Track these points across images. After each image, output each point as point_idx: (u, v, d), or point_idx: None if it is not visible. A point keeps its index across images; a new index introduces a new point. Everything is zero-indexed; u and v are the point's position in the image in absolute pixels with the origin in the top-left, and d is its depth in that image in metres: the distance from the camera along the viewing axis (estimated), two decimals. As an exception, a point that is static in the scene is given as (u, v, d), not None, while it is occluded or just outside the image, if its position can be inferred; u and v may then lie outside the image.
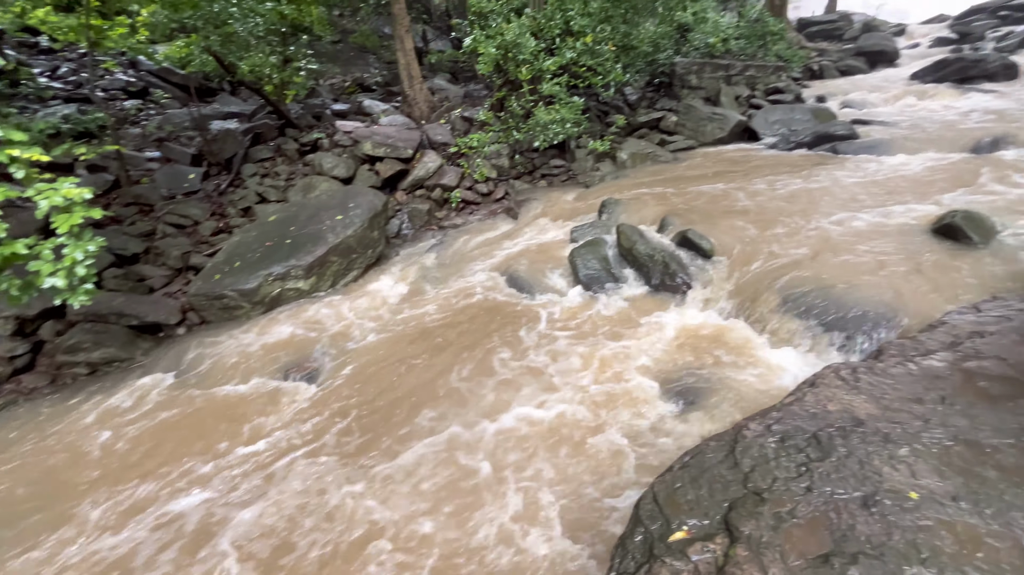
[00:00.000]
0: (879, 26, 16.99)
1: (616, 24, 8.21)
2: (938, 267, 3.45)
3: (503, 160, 7.51)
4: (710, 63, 10.12)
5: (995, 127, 6.40)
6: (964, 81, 9.27)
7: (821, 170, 6.08)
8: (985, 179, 4.91)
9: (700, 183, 6.22)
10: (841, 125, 7.11)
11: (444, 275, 5.26)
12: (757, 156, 7.31)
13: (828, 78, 12.09)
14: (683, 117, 8.77)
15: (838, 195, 5.12)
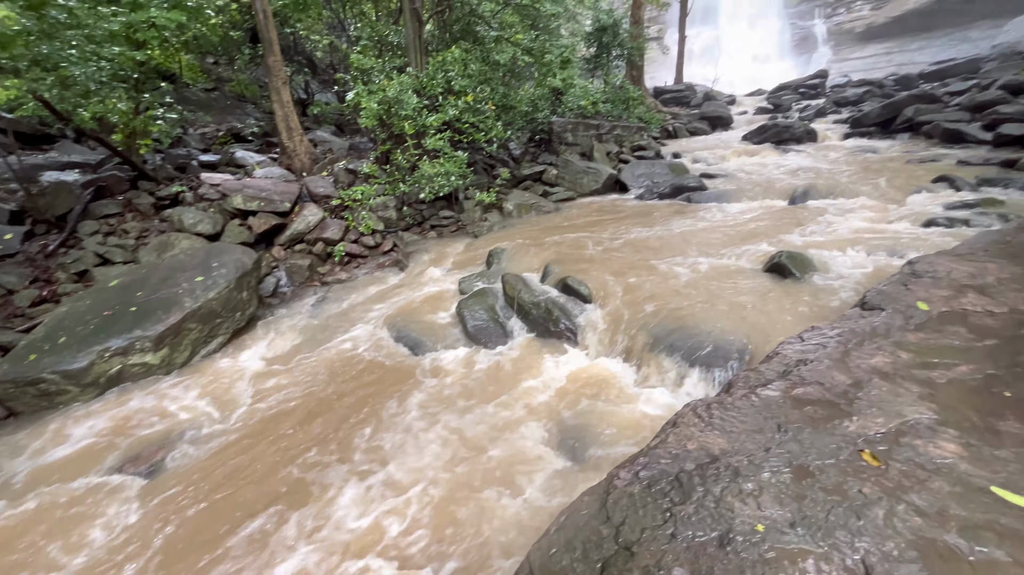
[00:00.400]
0: (716, 96, 20.18)
1: (495, 86, 8.74)
2: (773, 301, 3.96)
3: (390, 212, 7.40)
4: (583, 123, 11.13)
5: (804, 181, 7.75)
6: (780, 143, 11.22)
7: (679, 217, 6.84)
8: (800, 223, 5.85)
9: (579, 231, 6.63)
10: (693, 178, 8.13)
11: (325, 334, 4.89)
12: (627, 205, 8.04)
13: (681, 137, 13.92)
14: (562, 171, 9.44)
15: (693, 240, 5.75)
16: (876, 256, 4.59)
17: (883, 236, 5.15)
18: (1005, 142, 8.15)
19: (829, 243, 5.13)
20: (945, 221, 5.16)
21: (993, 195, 6.01)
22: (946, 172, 6.95)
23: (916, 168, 7.75)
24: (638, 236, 6.14)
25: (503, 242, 6.52)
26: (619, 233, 6.36)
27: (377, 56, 9.44)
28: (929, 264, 3.31)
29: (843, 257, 4.61)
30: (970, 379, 2.22)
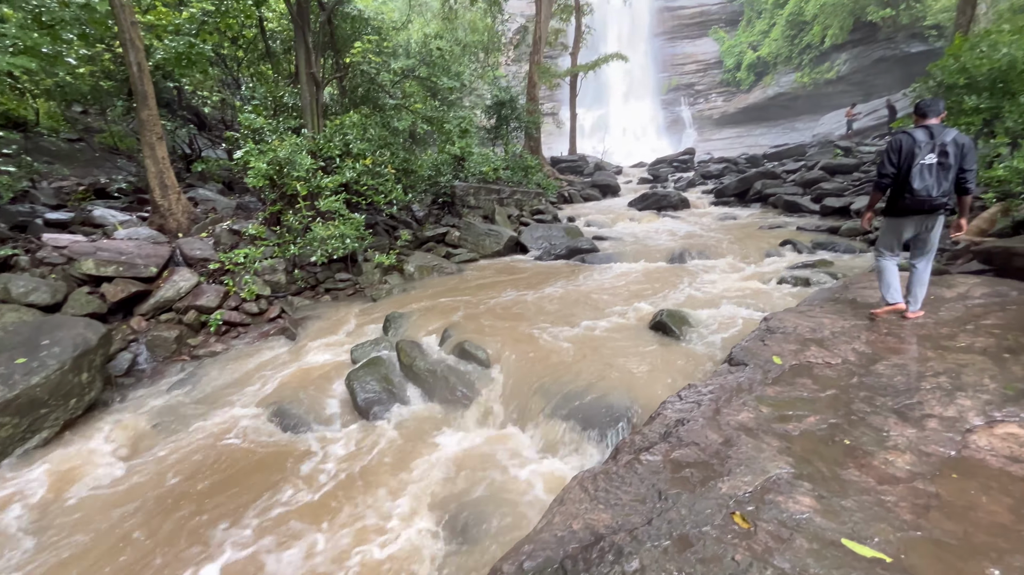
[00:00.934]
0: (606, 166, 22.27)
1: (395, 150, 8.81)
2: (657, 359, 4.17)
3: (279, 276, 6.88)
4: (485, 187, 11.54)
5: (681, 243, 8.62)
6: (660, 209, 12.51)
7: (574, 278, 7.16)
8: (679, 282, 6.41)
9: (480, 292, 6.64)
10: (586, 240, 8.67)
11: (185, 419, 4.22)
12: (526, 266, 8.29)
13: (576, 202, 14.97)
14: (465, 233, 9.58)
15: (587, 300, 6.01)
16: (741, 311, 5.10)
17: (746, 293, 5.78)
18: (829, 212, 9.82)
19: (703, 300, 5.63)
20: (791, 280, 5.95)
21: (824, 257, 7.10)
22: (789, 237, 8.13)
23: (767, 233, 9.00)
24: (536, 297, 6.29)
25: (402, 306, 6.32)
26: (518, 294, 6.47)
27: (272, 116, 9.14)
28: (780, 321, 3.71)
29: (715, 312, 5.06)
30: (817, 430, 2.44)
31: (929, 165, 3.51)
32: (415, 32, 20.54)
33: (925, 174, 3.51)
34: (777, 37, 31.05)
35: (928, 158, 3.52)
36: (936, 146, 3.52)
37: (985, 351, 3.01)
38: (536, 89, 19.52)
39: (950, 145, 3.49)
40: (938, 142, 3.52)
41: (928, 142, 3.54)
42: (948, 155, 3.48)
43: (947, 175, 3.50)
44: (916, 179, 3.52)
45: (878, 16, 25.97)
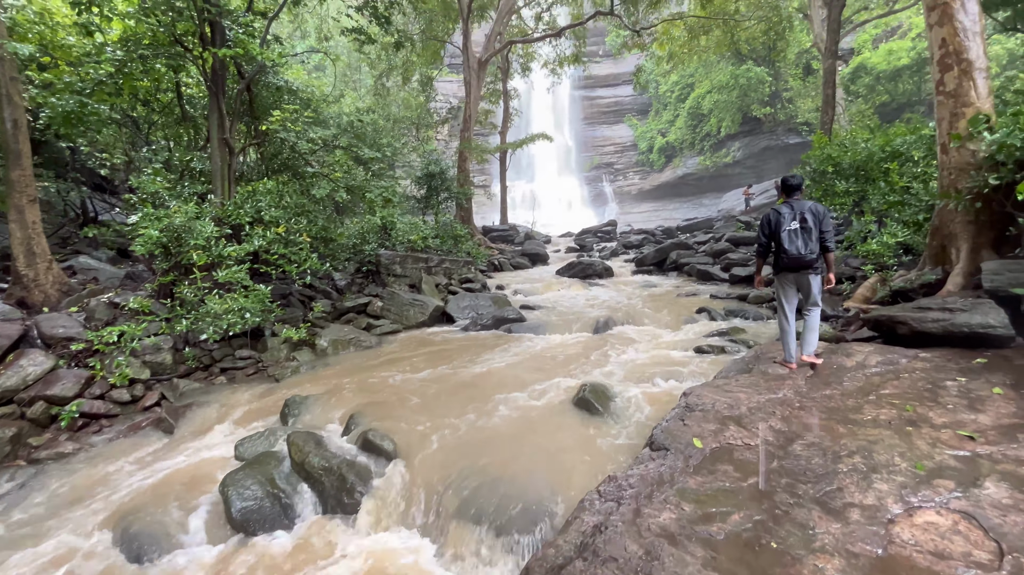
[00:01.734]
0: (535, 235, 22.98)
1: (313, 218, 8.39)
2: (579, 441, 3.87)
3: (164, 355, 5.98)
4: (412, 255, 11.27)
5: (605, 312, 8.69)
6: (586, 277, 12.81)
7: (499, 349, 6.86)
8: (603, 352, 6.30)
9: (398, 368, 6.13)
10: (513, 310, 8.50)
11: (2, 552, 3.25)
12: (451, 338, 7.91)
13: (506, 271, 15.04)
14: (388, 303, 9.11)
15: (511, 374, 5.69)
16: (663, 383, 5.00)
17: (667, 362, 5.76)
18: (737, 280, 10.48)
19: (627, 371, 5.51)
20: (708, 348, 6.04)
21: (737, 324, 7.38)
22: (704, 305, 8.47)
23: (684, 301, 9.35)
24: (458, 372, 5.89)
25: (309, 387, 5.65)
26: (440, 370, 6.04)
27: (178, 181, 8.47)
28: (698, 397, 3.58)
29: (636, 387, 4.92)
30: (743, 530, 2.19)
31: (793, 230, 4.29)
32: (347, 105, 20.89)
33: (793, 237, 4.28)
34: (681, 126, 35.02)
35: (792, 225, 4.30)
36: (796, 215, 4.31)
37: (890, 424, 3.01)
38: (467, 163, 20.17)
39: (807, 213, 4.28)
40: (797, 212, 4.32)
41: (790, 212, 4.34)
42: (807, 221, 4.26)
43: (809, 236, 4.25)
44: (785, 242, 4.30)
45: (760, 113, 30.19)
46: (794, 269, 4.38)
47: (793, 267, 4.36)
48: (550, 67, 25.88)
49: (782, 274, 4.51)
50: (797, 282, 4.44)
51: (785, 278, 4.51)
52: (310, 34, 19.67)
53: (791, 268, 4.38)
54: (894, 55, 26.64)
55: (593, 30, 38.19)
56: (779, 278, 4.58)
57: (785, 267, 4.41)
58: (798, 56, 30.41)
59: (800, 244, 4.24)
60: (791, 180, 4.48)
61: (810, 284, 4.35)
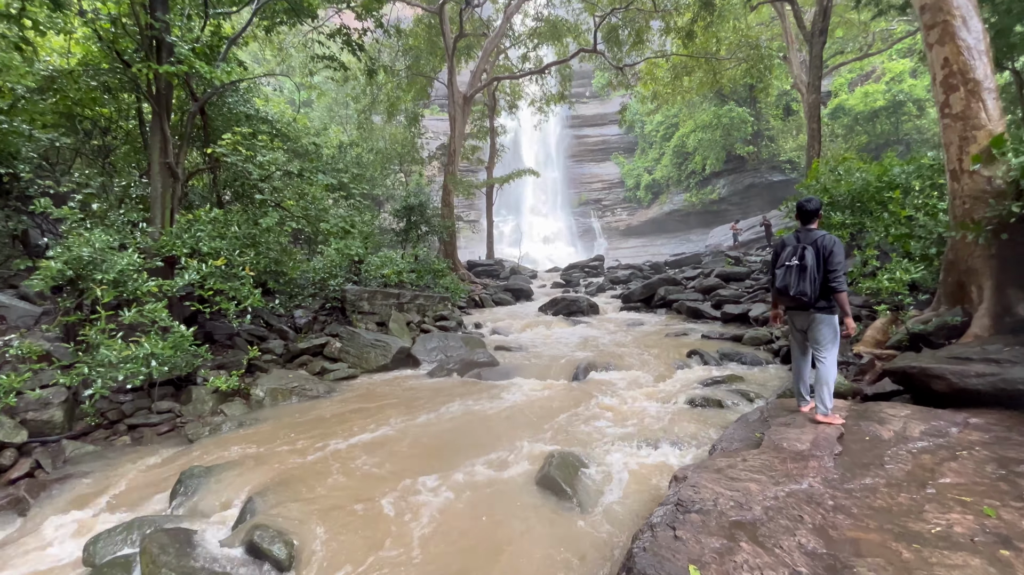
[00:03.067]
0: (521, 270, 22.21)
1: (264, 250, 7.47)
2: (536, 543, 2.86)
3: (53, 411, 4.91)
4: (382, 291, 10.34)
5: (587, 354, 7.74)
6: (570, 315, 11.91)
7: (464, 399, 5.85)
8: (581, 406, 5.32)
9: (340, 427, 5.09)
10: (484, 353, 7.53)
11: None
12: (414, 385, 6.89)
13: (487, 307, 14.11)
14: (347, 343, 8.10)
15: (470, 433, 4.68)
16: (649, 450, 4.02)
17: (655, 420, 4.79)
18: (729, 319, 9.63)
19: (606, 432, 4.53)
20: (703, 401, 5.08)
21: (733, 370, 6.46)
22: (696, 347, 7.56)
23: (673, 342, 8.44)
24: (410, 432, 4.87)
25: (221, 452, 4.59)
26: (388, 428, 5.01)
27: (114, 207, 7.58)
28: (695, 488, 2.61)
29: (617, 453, 3.93)
30: None
31: (789, 267, 3.66)
32: (332, 139, 20.43)
33: (787, 274, 3.66)
34: (667, 164, 35.14)
35: (791, 261, 3.67)
36: (798, 250, 3.66)
37: (973, 542, 2.06)
38: (451, 196, 19.59)
39: (810, 248, 3.61)
40: (801, 247, 3.65)
41: (794, 247, 3.71)
42: (805, 258, 3.59)
43: (804, 275, 3.57)
44: (778, 279, 3.73)
45: (744, 151, 30.34)
46: (792, 307, 3.85)
47: (789, 304, 3.84)
48: (536, 105, 25.89)
49: (787, 312, 3.98)
50: (799, 322, 3.85)
51: (790, 316, 3.96)
52: (295, 69, 19.40)
53: (788, 305, 3.88)
54: (870, 97, 27.06)
55: (580, 72, 38.94)
56: (787, 317, 4.03)
57: (784, 303, 3.90)
58: (778, 97, 30.89)
59: (793, 282, 3.64)
60: (806, 206, 3.78)
61: (812, 325, 3.70)
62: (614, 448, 4.09)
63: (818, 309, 3.59)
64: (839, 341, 3.60)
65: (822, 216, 3.97)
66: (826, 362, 3.55)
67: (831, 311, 3.59)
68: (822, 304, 3.58)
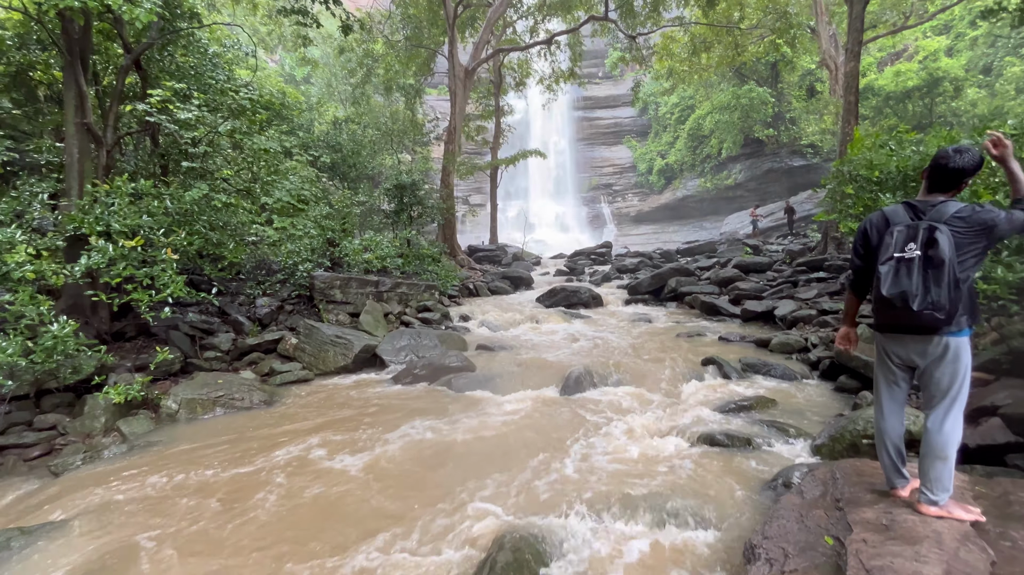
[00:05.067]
0: (525, 257, 20.78)
1: (202, 228, 6.17)
2: None
3: None
4: (357, 279, 9.05)
5: (582, 359, 6.38)
6: (570, 306, 10.53)
7: (423, 419, 4.57)
8: (562, 440, 3.99)
9: (246, 460, 3.85)
10: (458, 357, 6.21)
11: None
12: (371, 394, 5.62)
13: (482, 296, 12.78)
14: (305, 339, 6.86)
15: (401, 488, 3.39)
16: (648, 534, 2.69)
17: (659, 466, 3.45)
18: (750, 317, 8.18)
19: (591, 485, 3.21)
20: (725, 439, 3.72)
21: (761, 386, 5.07)
22: (713, 352, 6.15)
23: (686, 344, 7.03)
24: (325, 476, 3.60)
25: (84, 493, 3.38)
26: (314, 462, 3.77)
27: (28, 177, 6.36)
28: None
29: (602, 541, 2.61)
30: None
31: (908, 260, 2.13)
32: (327, 115, 19.04)
33: (901, 274, 2.13)
34: (681, 148, 33.06)
35: (907, 250, 2.14)
36: (921, 232, 2.12)
37: None
38: (450, 177, 18.13)
39: (944, 231, 2.07)
40: (924, 228, 2.12)
41: (909, 226, 2.16)
42: (937, 246, 2.07)
43: (939, 276, 2.06)
44: (886, 281, 2.17)
45: (763, 134, 28.20)
46: (898, 329, 2.26)
47: (895, 325, 2.25)
48: (546, 83, 24.09)
49: (881, 332, 2.38)
50: (909, 352, 2.26)
51: (887, 343, 2.36)
52: (287, 39, 17.93)
53: (892, 326, 2.28)
54: (903, 76, 24.70)
55: (593, 52, 36.73)
56: (879, 341, 2.43)
57: (884, 324, 2.31)
58: (801, 77, 28.57)
59: (915, 287, 2.09)
60: (953, 160, 2.16)
61: (937, 361, 2.17)
62: (599, 525, 2.76)
63: (952, 332, 2.14)
64: (968, 387, 2.16)
65: (959, 189, 2.23)
66: (948, 420, 2.12)
67: (967, 329, 2.16)
68: (962, 321, 2.13)
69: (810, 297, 8.15)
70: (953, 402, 2.13)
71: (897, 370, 2.34)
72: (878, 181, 7.28)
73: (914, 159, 7.02)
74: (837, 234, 11.31)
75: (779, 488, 2.95)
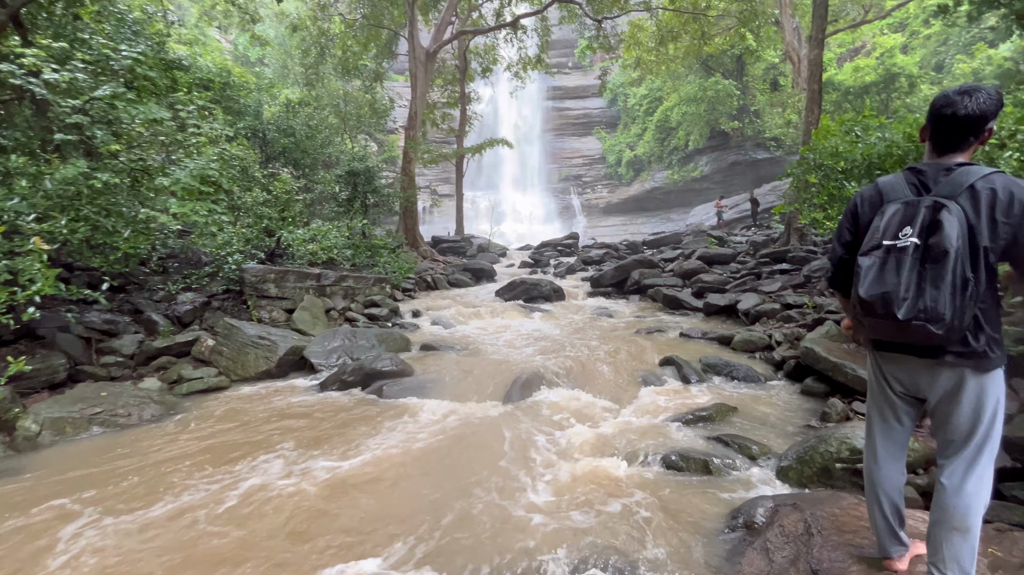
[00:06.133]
0: (491, 248, 20.05)
1: (85, 212, 5.18)
2: None
3: None
4: (295, 271, 8.16)
5: (534, 359, 5.76)
6: (529, 300, 9.91)
7: (342, 434, 3.85)
8: (493, 462, 3.35)
9: (113, 499, 3.05)
10: (394, 360, 5.47)
11: None
12: (290, 404, 4.84)
13: (441, 289, 12.03)
14: (222, 340, 5.99)
15: (293, 528, 2.69)
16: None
17: (609, 495, 2.85)
18: (713, 311, 7.74)
19: (517, 539, 2.58)
20: (680, 461, 3.15)
21: (721, 392, 4.56)
22: (672, 351, 5.64)
23: (645, 341, 6.50)
24: (180, 530, 2.85)
25: None
26: (183, 501, 3.00)
27: None
28: None
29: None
30: None
31: (899, 250, 1.48)
32: (280, 97, 17.67)
33: (888, 269, 1.48)
34: (650, 140, 32.81)
35: (903, 237, 1.48)
36: (922, 211, 1.47)
37: None
38: (412, 164, 17.17)
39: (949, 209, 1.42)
40: (928, 202, 1.47)
41: (908, 201, 1.51)
42: (941, 231, 1.42)
43: (938, 274, 1.41)
44: (866, 278, 1.50)
45: (729, 127, 28.19)
46: (894, 347, 1.61)
47: (883, 344, 1.64)
48: (513, 70, 23.20)
49: (878, 353, 1.71)
50: (912, 383, 1.62)
51: (884, 364, 1.70)
52: (233, 12, 16.44)
53: (882, 344, 1.65)
54: (861, 72, 24.99)
55: (563, 41, 35.93)
56: (872, 358, 1.76)
57: (873, 338, 1.67)
58: (765, 71, 28.64)
59: (902, 287, 1.45)
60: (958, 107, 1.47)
61: (949, 396, 1.53)
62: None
63: (968, 355, 1.48)
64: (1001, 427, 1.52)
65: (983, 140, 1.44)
66: (972, 478, 1.50)
67: (994, 361, 1.49)
68: (978, 345, 1.47)
69: (774, 290, 7.76)
70: (979, 452, 1.51)
71: (898, 401, 1.68)
72: (843, 171, 6.87)
73: (879, 147, 6.64)
74: (800, 225, 11.06)
75: (739, 529, 2.39)
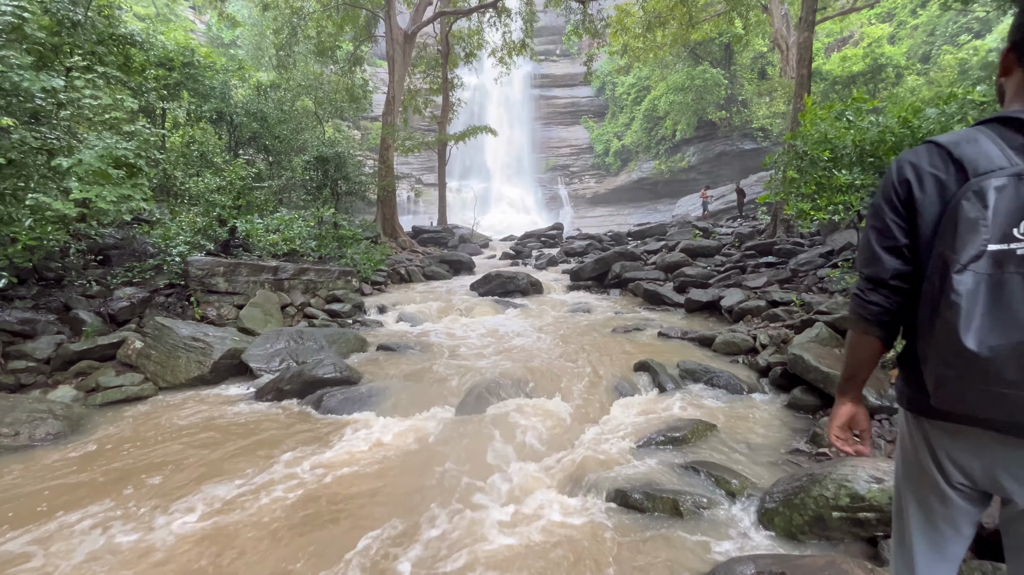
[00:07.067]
0: (473, 239, 19.36)
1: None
2: None
3: None
4: (249, 264, 7.46)
5: (501, 363, 5.19)
6: (506, 294, 9.32)
7: (265, 456, 3.24)
8: (443, 487, 2.78)
9: None
10: (337, 366, 4.84)
11: None
12: (215, 416, 4.21)
13: (415, 282, 11.38)
14: (152, 342, 5.31)
15: None
16: None
17: (564, 555, 2.30)
18: (695, 308, 7.22)
19: None
20: (642, 499, 2.60)
21: (699, 400, 4.03)
22: (649, 354, 5.10)
23: (621, 341, 5.96)
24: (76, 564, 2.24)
25: None
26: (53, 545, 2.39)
27: None
28: None
29: None
30: None
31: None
32: (251, 79, 16.66)
33: (1015, 292, 0.67)
34: (637, 129, 32.15)
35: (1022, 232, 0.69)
36: None
37: None
38: (390, 152, 16.36)
39: None
40: None
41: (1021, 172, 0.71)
42: None
43: None
44: (973, 314, 0.68)
45: (716, 116, 27.63)
46: (964, 419, 0.89)
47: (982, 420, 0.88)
48: (498, 55, 22.29)
49: (933, 424, 0.98)
50: (991, 473, 0.93)
51: (942, 441, 0.98)
52: None
53: (973, 420, 0.90)
54: (848, 61, 24.52)
55: (550, 28, 34.91)
56: (917, 429, 1.03)
57: (949, 406, 0.89)
58: (753, 60, 28.06)
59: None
60: None
61: None
62: None
63: None
64: None
65: None
66: None
67: None
68: None
69: (759, 286, 7.26)
70: None
71: (956, 497, 1.05)
72: (832, 158, 6.34)
73: (872, 132, 6.10)
74: (786, 216, 10.58)
75: (712, 604, 1.84)
